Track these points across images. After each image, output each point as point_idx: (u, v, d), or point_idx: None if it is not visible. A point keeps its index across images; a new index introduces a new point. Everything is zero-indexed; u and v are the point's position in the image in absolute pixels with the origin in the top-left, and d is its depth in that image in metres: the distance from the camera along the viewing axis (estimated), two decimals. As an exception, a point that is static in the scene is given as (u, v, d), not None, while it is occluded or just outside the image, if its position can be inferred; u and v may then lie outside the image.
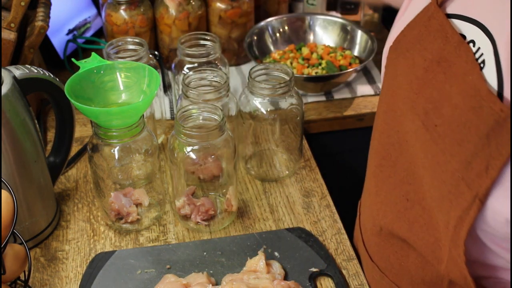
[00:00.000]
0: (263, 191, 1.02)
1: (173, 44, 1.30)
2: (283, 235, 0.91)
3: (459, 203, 0.60)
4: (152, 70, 0.86)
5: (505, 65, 0.56)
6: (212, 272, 0.85)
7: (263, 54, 1.35)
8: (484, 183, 0.57)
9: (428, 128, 0.64)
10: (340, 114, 1.23)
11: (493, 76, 0.57)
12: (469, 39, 0.62)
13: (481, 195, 0.58)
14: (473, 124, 0.57)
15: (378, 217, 0.80)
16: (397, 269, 0.80)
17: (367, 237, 0.87)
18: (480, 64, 0.59)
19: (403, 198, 0.71)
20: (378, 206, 0.79)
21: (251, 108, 0.98)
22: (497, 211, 0.58)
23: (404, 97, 0.69)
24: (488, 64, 0.58)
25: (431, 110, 0.63)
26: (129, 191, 0.94)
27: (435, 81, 0.63)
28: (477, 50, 0.60)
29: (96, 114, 0.83)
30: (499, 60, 0.57)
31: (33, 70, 0.86)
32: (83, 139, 1.14)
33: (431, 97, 0.63)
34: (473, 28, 0.61)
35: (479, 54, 0.59)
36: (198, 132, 0.85)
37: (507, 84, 0.56)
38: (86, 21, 1.40)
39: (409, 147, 0.69)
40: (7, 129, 0.81)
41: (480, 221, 0.60)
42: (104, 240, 0.93)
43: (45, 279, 0.87)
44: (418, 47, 0.67)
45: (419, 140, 0.66)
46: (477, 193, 0.58)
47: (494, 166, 0.56)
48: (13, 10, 1.01)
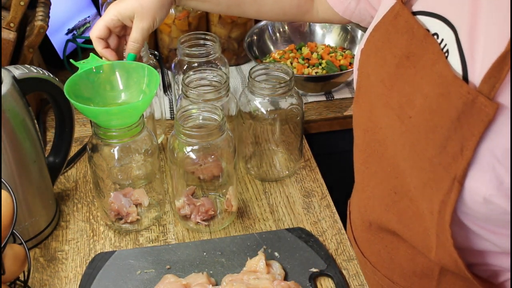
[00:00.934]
0: (263, 191, 1.02)
1: (173, 44, 1.30)
2: (283, 235, 0.91)
3: (440, 188, 0.62)
4: (151, 70, 0.86)
5: (467, 50, 0.59)
6: (212, 272, 0.85)
7: (263, 54, 1.35)
8: (460, 164, 0.59)
9: (403, 121, 0.66)
10: (340, 114, 1.23)
11: (457, 62, 0.60)
12: (433, 32, 0.65)
13: (459, 176, 0.59)
14: (444, 109, 0.60)
15: (367, 213, 0.81)
16: (388, 263, 0.81)
17: (357, 233, 0.88)
18: (445, 53, 0.62)
19: (391, 192, 0.73)
20: (366, 201, 0.81)
21: (251, 108, 0.98)
22: (474, 191, 0.59)
23: (378, 94, 0.71)
24: (452, 52, 0.61)
25: (404, 103, 0.65)
26: (129, 191, 0.94)
27: (406, 75, 0.66)
28: (441, 41, 0.63)
29: (95, 114, 0.83)
30: (461, 47, 0.60)
31: (33, 70, 0.86)
32: (83, 139, 1.14)
33: (404, 90, 0.66)
34: (436, 22, 0.65)
35: (443, 45, 0.63)
36: (198, 132, 0.85)
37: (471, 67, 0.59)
38: (86, 20, 1.40)
39: (389, 142, 0.71)
40: (7, 129, 0.81)
41: (460, 203, 0.62)
42: (103, 240, 0.93)
43: (44, 280, 0.87)
44: (388, 45, 0.70)
45: (396, 133, 0.68)
46: (455, 175, 0.60)
47: (468, 146, 0.58)
48: (13, 9, 1.01)
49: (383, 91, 0.69)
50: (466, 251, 0.69)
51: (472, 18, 0.59)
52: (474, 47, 0.59)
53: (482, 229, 0.65)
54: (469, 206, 0.61)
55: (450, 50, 0.62)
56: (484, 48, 0.58)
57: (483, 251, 0.69)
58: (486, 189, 0.58)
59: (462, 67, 0.60)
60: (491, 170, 0.57)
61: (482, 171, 0.58)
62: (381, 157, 0.73)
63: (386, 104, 0.69)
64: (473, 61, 0.59)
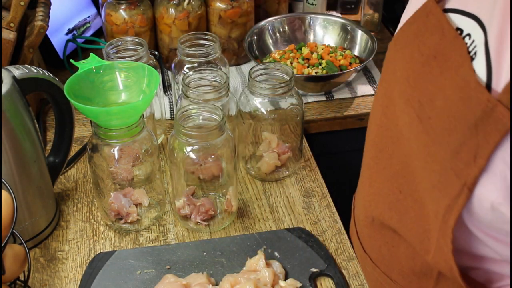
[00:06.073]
0: (263, 191, 1.02)
1: (173, 44, 1.30)
2: (283, 235, 0.91)
3: (448, 192, 0.62)
4: (151, 69, 0.86)
5: (494, 55, 0.57)
6: (212, 272, 0.85)
7: (263, 54, 1.35)
8: (472, 171, 0.58)
9: (422, 120, 0.65)
10: (340, 114, 1.23)
11: (483, 67, 0.58)
12: (466, 32, 0.63)
13: (469, 183, 0.59)
14: (462, 114, 0.59)
15: (370, 208, 0.81)
16: (388, 260, 0.81)
17: (360, 228, 0.88)
18: (471, 56, 0.60)
19: (396, 190, 0.73)
20: (371, 197, 0.81)
21: (251, 108, 0.98)
22: (483, 198, 0.59)
23: (401, 91, 0.70)
24: (479, 55, 0.59)
25: (425, 103, 0.65)
26: (129, 191, 0.94)
27: (431, 75, 0.65)
28: (471, 42, 0.61)
29: (95, 113, 0.83)
30: (489, 51, 0.58)
31: (33, 70, 0.86)
32: (83, 139, 1.14)
33: (426, 90, 0.65)
34: (469, 22, 0.63)
35: (472, 47, 0.61)
36: (198, 132, 0.85)
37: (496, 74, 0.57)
38: (86, 20, 1.40)
39: (404, 140, 0.70)
40: (7, 129, 0.81)
41: (467, 209, 0.61)
42: (103, 240, 0.93)
43: (44, 279, 0.87)
44: (416, 42, 0.68)
45: (413, 132, 0.67)
46: (465, 182, 0.59)
47: (481, 155, 0.57)
48: (13, 9, 1.01)
49: (406, 88, 0.69)
50: (465, 255, 0.68)
51: (503, 19, 0.57)
52: (502, 54, 0.57)
53: (485, 235, 0.64)
54: (475, 212, 0.61)
55: (478, 53, 0.59)
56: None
57: (482, 257, 0.69)
58: (495, 198, 0.57)
59: (487, 72, 0.58)
60: (503, 179, 0.56)
61: (493, 179, 0.57)
62: (392, 155, 0.73)
63: (407, 101, 0.68)
64: (499, 68, 0.57)
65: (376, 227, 0.82)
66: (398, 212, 0.74)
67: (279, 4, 1.43)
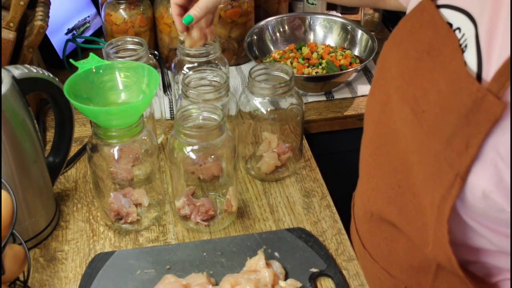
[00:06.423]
0: (263, 191, 1.02)
1: (173, 43, 1.30)
2: (283, 236, 0.91)
3: (442, 183, 0.63)
4: (151, 69, 0.86)
5: (484, 47, 0.59)
6: (212, 272, 0.85)
7: (263, 54, 1.35)
8: (464, 161, 0.59)
9: (416, 114, 0.66)
10: (340, 114, 1.23)
11: (473, 58, 0.60)
12: (456, 26, 0.65)
13: (462, 173, 0.60)
14: (454, 105, 0.60)
15: (369, 203, 0.82)
16: (387, 255, 0.82)
17: (359, 224, 0.89)
18: (462, 49, 0.62)
19: (395, 185, 0.74)
20: (369, 192, 0.81)
21: (251, 108, 0.98)
22: (474, 186, 0.60)
23: (396, 87, 0.71)
24: (469, 48, 0.61)
25: (420, 98, 0.66)
26: (129, 191, 0.94)
27: (425, 70, 0.66)
28: (462, 36, 0.63)
29: (95, 113, 0.83)
30: (479, 43, 0.60)
31: (32, 69, 0.86)
32: (83, 139, 1.14)
33: (421, 85, 0.66)
34: (460, 16, 0.64)
35: (463, 40, 0.62)
36: (198, 132, 0.85)
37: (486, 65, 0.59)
38: (86, 20, 1.40)
39: (401, 136, 0.71)
40: (7, 129, 0.81)
41: (460, 198, 0.62)
42: (103, 240, 0.93)
43: (44, 280, 0.87)
44: (411, 39, 0.70)
45: (408, 126, 0.68)
46: (458, 171, 0.60)
47: (473, 144, 0.58)
48: (12, 9, 1.01)
49: (402, 84, 0.70)
50: (462, 248, 0.69)
51: (494, 13, 0.59)
52: (492, 45, 0.59)
53: (479, 224, 0.65)
54: (468, 200, 0.62)
55: (469, 45, 0.61)
56: (501, 46, 0.58)
57: (479, 249, 0.69)
58: (486, 185, 0.59)
59: (478, 64, 0.59)
60: (493, 167, 0.58)
61: (484, 167, 0.59)
62: (391, 150, 0.74)
63: (403, 97, 0.69)
64: (489, 58, 0.59)
65: (375, 222, 0.82)
66: (397, 207, 0.74)
67: (279, 4, 1.43)
